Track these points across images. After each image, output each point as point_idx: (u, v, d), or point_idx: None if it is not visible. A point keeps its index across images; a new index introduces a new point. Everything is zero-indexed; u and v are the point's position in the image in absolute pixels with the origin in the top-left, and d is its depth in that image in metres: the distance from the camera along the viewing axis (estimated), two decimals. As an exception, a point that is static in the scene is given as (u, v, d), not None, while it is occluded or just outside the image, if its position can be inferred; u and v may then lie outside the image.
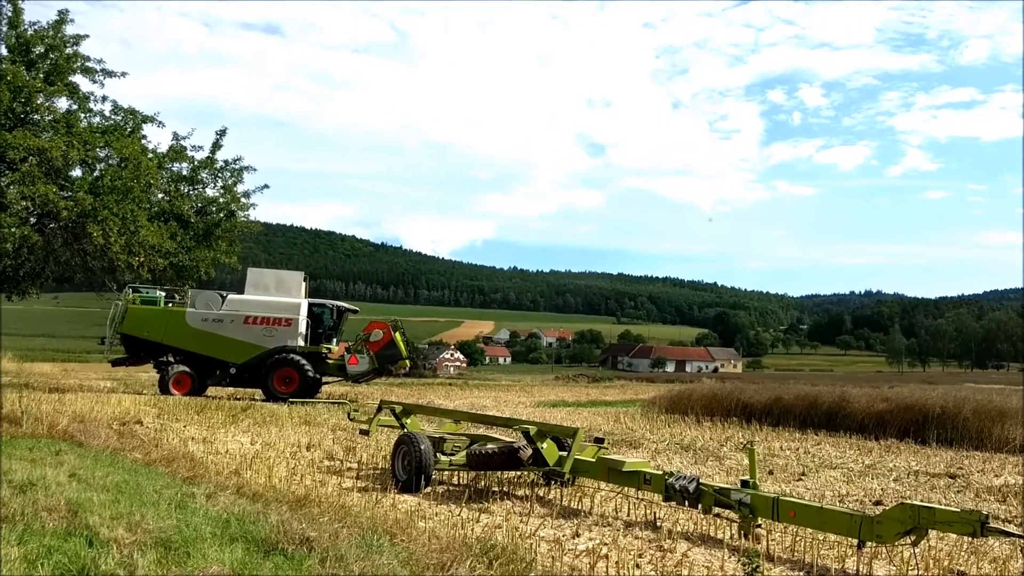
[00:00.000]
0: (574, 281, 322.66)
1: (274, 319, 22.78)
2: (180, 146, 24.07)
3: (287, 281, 24.10)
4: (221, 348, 22.55)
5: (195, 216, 24.37)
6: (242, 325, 22.64)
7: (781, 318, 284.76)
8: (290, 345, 22.64)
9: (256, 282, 23.91)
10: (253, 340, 22.62)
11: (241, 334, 22.59)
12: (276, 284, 23.90)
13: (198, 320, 22.72)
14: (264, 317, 22.76)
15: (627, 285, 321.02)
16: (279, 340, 22.64)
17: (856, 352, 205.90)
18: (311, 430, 13.45)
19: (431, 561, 4.79)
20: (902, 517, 5.24)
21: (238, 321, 22.66)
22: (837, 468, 11.01)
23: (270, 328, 22.71)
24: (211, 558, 4.62)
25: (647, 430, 15.76)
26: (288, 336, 22.71)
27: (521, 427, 8.08)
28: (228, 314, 22.78)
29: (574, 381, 48.92)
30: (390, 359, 23.22)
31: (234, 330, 22.60)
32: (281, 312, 22.88)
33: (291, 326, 22.76)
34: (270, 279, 24.32)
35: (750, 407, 18.29)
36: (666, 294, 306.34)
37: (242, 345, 22.57)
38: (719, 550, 5.84)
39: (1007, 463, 12.18)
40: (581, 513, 7.20)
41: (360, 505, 6.73)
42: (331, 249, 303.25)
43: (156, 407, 16.06)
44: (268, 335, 22.65)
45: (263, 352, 22.52)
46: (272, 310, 22.88)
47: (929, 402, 15.79)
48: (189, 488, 6.93)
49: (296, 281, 24.03)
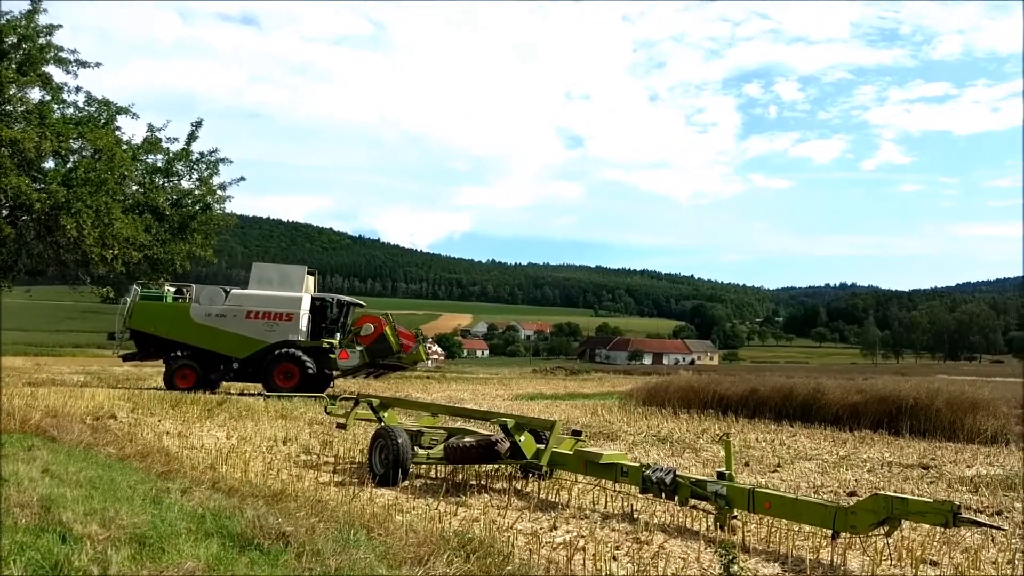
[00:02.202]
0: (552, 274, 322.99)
1: (275, 313, 22.76)
2: (155, 138, 23.77)
3: (290, 275, 24.05)
4: (224, 343, 22.57)
5: (170, 208, 24.08)
6: (244, 320, 22.64)
7: (757, 310, 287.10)
8: (291, 339, 22.59)
9: (259, 276, 23.92)
10: (255, 335, 22.62)
11: (243, 329, 22.59)
12: (279, 278, 23.84)
13: (202, 315, 22.80)
14: (265, 312, 22.76)
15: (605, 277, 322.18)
16: (280, 335, 22.60)
17: (831, 344, 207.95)
18: (287, 424, 13.38)
19: (408, 555, 4.79)
20: (876, 508, 5.30)
21: (240, 316, 22.68)
22: (812, 459, 11.12)
23: (271, 323, 22.70)
24: (186, 553, 4.58)
25: (624, 422, 15.82)
26: (289, 331, 22.67)
27: (499, 420, 8.09)
28: (230, 309, 22.83)
29: (552, 374, 48.96)
30: (381, 353, 23.03)
31: (236, 325, 22.61)
32: (282, 306, 22.84)
33: (292, 320, 22.71)
34: (273, 273, 24.33)
35: (726, 399, 18.42)
36: (644, 287, 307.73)
37: (244, 340, 22.58)
38: (695, 542, 5.88)
39: (979, 454, 12.37)
40: (559, 506, 7.22)
41: (337, 499, 6.71)
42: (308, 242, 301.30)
43: (130, 401, 15.89)
44: (269, 329, 22.66)
45: (265, 347, 22.49)
46: (273, 304, 22.85)
47: (902, 394, 15.95)
48: (164, 483, 6.87)
49: (299, 275, 23.93)
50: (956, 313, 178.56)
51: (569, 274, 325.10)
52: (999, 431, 14.05)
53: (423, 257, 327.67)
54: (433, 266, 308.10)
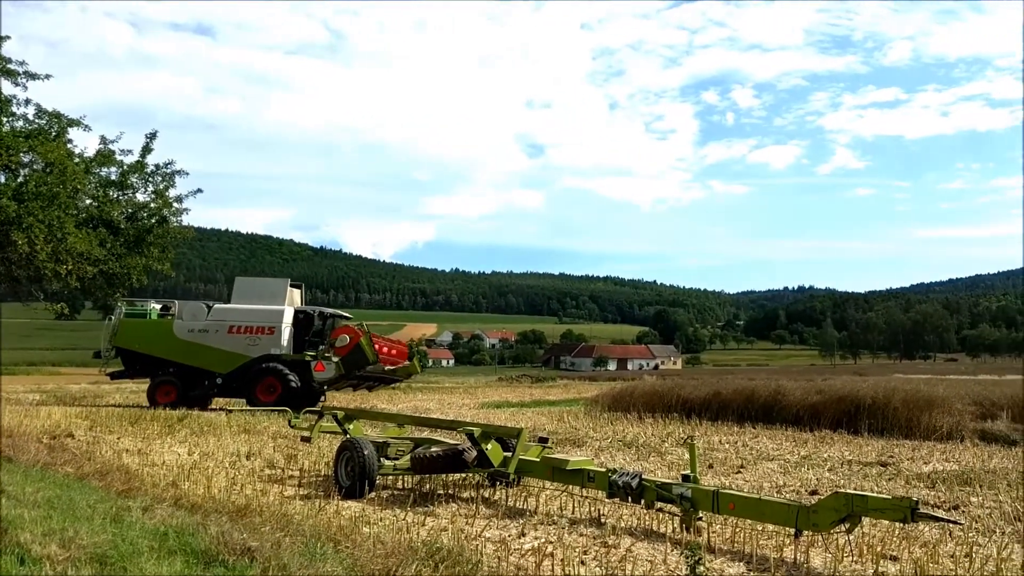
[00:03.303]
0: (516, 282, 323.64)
1: (257, 327, 22.54)
2: (108, 150, 23.33)
3: (272, 289, 23.89)
4: (207, 359, 22.37)
5: (125, 222, 23.66)
6: (226, 335, 22.45)
7: (718, 314, 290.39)
8: (273, 353, 22.34)
9: (242, 291, 23.76)
10: (237, 349, 22.41)
11: (226, 344, 22.39)
12: (261, 292, 23.67)
13: (185, 331, 22.63)
14: (248, 326, 22.54)
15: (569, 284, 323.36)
16: (263, 348, 22.40)
17: (790, 346, 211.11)
18: (251, 438, 13.21)
19: (376, 567, 4.76)
20: (837, 506, 5.39)
21: (223, 331, 22.48)
22: (774, 460, 11.27)
23: (253, 336, 22.49)
24: (149, 572, 4.52)
25: (590, 428, 15.89)
26: (272, 344, 22.46)
27: (465, 429, 8.09)
28: (213, 324, 22.63)
29: (517, 382, 49.01)
30: (357, 364, 22.70)
31: (219, 340, 22.42)
32: (264, 320, 22.63)
33: (274, 334, 22.48)
34: (256, 287, 24.22)
35: (690, 403, 18.59)
36: (607, 293, 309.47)
37: (227, 355, 22.36)
38: (662, 544, 5.93)
39: (935, 450, 12.64)
40: (526, 513, 7.23)
41: (303, 513, 6.65)
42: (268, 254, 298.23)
43: (88, 419, 15.59)
44: (252, 344, 22.46)
45: (247, 361, 22.25)
46: (255, 318, 22.63)
47: (860, 393, 16.24)
48: (124, 501, 6.75)
49: (281, 288, 23.75)
50: (911, 313, 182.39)
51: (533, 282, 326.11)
52: (954, 428, 14.35)
53: (386, 267, 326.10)
54: (396, 276, 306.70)
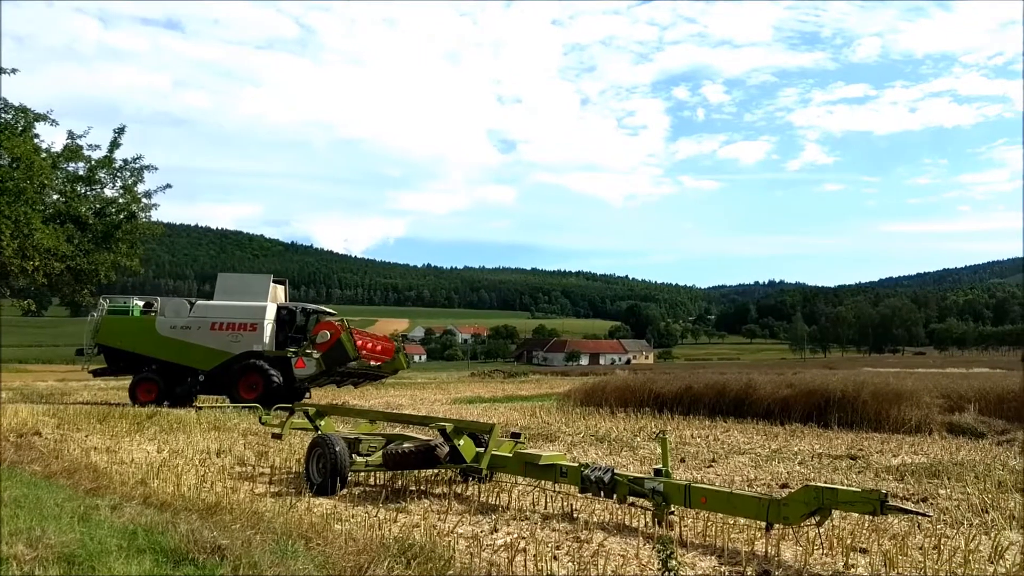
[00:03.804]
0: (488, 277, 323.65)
1: (239, 324, 22.36)
2: (76, 145, 23.01)
3: (254, 285, 23.63)
4: (190, 355, 22.20)
5: (93, 218, 23.36)
6: (209, 331, 22.26)
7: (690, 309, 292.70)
8: (256, 350, 22.15)
9: (224, 287, 23.50)
10: (219, 346, 22.21)
11: (208, 340, 22.21)
12: (244, 288, 23.41)
13: (167, 328, 22.43)
14: (230, 322, 22.35)
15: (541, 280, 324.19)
16: (245, 345, 22.20)
17: (761, 340, 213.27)
18: (221, 436, 13.08)
19: (348, 564, 4.74)
20: (807, 499, 5.44)
21: (205, 327, 22.30)
22: (745, 453, 11.36)
23: (236, 333, 22.31)
24: (117, 571, 4.46)
25: (563, 423, 15.93)
26: (254, 341, 22.26)
27: (437, 425, 8.06)
28: (195, 321, 22.45)
29: (490, 377, 48.94)
30: (337, 360, 22.51)
31: (201, 336, 22.24)
32: (246, 316, 22.43)
33: (256, 331, 22.28)
34: (238, 283, 23.96)
35: (662, 397, 18.69)
36: (579, 288, 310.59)
37: (209, 352, 22.18)
38: (634, 538, 5.95)
39: (904, 443, 12.82)
40: (499, 508, 7.23)
41: (274, 510, 6.59)
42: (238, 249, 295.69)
43: (55, 417, 15.35)
44: (234, 340, 22.26)
45: (230, 358, 22.05)
46: (237, 315, 22.43)
47: (830, 387, 16.41)
48: (93, 500, 6.66)
49: (264, 284, 23.47)
50: (879, 307, 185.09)
51: (505, 277, 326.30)
52: (922, 421, 14.56)
53: (358, 263, 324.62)
54: (368, 272, 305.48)
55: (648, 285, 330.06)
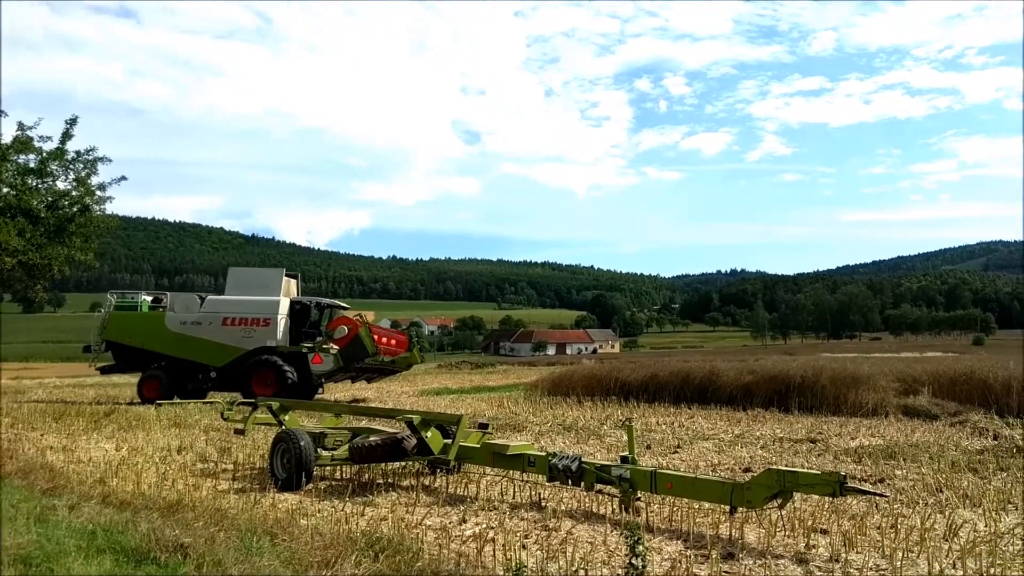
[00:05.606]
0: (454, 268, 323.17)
1: (252, 319, 21.83)
2: (26, 137, 22.49)
3: (267, 279, 23.16)
4: (201, 351, 21.72)
5: (46, 211, 22.85)
6: (220, 327, 21.75)
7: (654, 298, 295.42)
8: (269, 345, 21.69)
9: (236, 282, 22.98)
10: (232, 342, 21.69)
11: (219, 336, 21.71)
12: (256, 283, 22.95)
13: (177, 324, 21.89)
14: (242, 317, 21.85)
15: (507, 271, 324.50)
16: (258, 340, 21.67)
17: (724, 328, 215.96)
18: (182, 432, 12.90)
19: (315, 559, 4.70)
20: (769, 482, 5.53)
21: (216, 323, 21.79)
22: (709, 439, 11.49)
23: (248, 328, 21.77)
24: (76, 572, 4.37)
25: (530, 413, 15.96)
26: (267, 336, 21.72)
27: (404, 417, 8.03)
28: (206, 316, 21.95)
29: (457, 368, 48.84)
30: (355, 356, 22.00)
31: (213, 332, 21.74)
32: (259, 311, 21.90)
33: (269, 326, 21.78)
34: (250, 278, 23.51)
35: (628, 385, 18.82)
36: (545, 278, 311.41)
37: (221, 347, 21.68)
38: (602, 525, 5.99)
39: (861, 426, 13.06)
40: (467, 499, 7.22)
41: (237, 507, 6.51)
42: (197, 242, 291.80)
43: (9, 416, 15.02)
44: (246, 336, 21.73)
45: (243, 354, 21.60)
46: (250, 309, 21.93)
47: (790, 373, 16.68)
48: (49, 500, 6.53)
49: (277, 279, 23.03)
50: (837, 295, 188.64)
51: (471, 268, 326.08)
52: (879, 404, 14.85)
53: (321, 255, 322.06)
54: (332, 264, 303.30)
55: (613, 275, 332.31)
